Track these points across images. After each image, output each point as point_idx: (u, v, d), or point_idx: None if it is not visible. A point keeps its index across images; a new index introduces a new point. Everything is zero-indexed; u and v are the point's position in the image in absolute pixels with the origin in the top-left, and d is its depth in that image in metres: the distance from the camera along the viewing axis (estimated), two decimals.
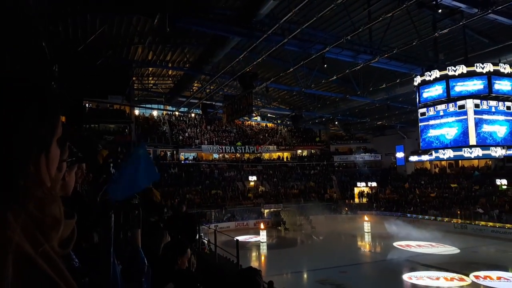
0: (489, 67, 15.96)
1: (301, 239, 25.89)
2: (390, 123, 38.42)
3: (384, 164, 44.20)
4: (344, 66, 19.61)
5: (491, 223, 26.04)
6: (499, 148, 16.00)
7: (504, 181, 29.68)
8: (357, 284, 15.42)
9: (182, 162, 36.85)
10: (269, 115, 41.14)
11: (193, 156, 38.62)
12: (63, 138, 0.71)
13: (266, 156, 42.05)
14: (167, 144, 37.18)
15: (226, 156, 39.95)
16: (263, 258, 22.31)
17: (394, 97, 26.66)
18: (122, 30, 19.53)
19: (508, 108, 16.38)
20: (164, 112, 41.16)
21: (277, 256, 21.38)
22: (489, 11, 12.41)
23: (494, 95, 15.55)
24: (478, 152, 16.11)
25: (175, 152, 37.28)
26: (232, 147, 39.61)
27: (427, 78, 17.63)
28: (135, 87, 30.64)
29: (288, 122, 39.75)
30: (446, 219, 29.18)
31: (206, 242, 16.92)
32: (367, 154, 44.35)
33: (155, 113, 41.08)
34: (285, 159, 43.34)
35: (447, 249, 21.73)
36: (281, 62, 22.25)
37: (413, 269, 17.90)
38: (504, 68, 15.86)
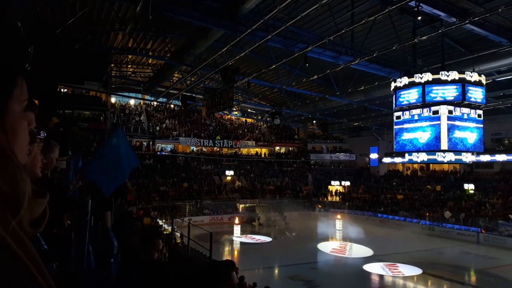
0: (454, 75, 16.44)
1: (274, 235, 26.11)
2: (366, 125, 39.21)
3: (358, 164, 45.22)
4: (326, 66, 19.82)
5: (456, 226, 27.03)
6: (469, 154, 16.60)
7: (472, 186, 30.87)
8: (326, 280, 15.73)
9: (158, 153, 36.37)
10: (249, 110, 41.16)
11: (170, 148, 38.18)
12: (29, 103, 0.62)
13: (244, 151, 42.08)
14: (143, 134, 36.60)
15: (204, 149, 39.73)
16: (236, 252, 22.40)
17: (371, 100, 27.19)
18: (103, 15, 19.04)
19: (479, 116, 16.99)
20: (142, 102, 40.41)
21: (250, 251, 21.51)
22: (467, 21, 12.82)
23: (467, 102, 16.08)
24: (450, 156, 16.65)
25: (151, 143, 36.74)
26: (211, 141, 39.39)
27: (403, 83, 18.04)
28: (113, 74, 29.96)
29: (268, 119, 39.85)
30: (415, 220, 30.08)
31: (179, 235, 16.86)
32: (342, 153, 45.17)
33: (132, 102, 40.32)
34: (263, 155, 43.50)
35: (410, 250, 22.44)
36: (264, 58, 22.30)
37: (381, 268, 18.41)
38: (471, 77, 16.35)
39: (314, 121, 41.88)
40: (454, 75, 16.54)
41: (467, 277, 18.32)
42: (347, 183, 40.61)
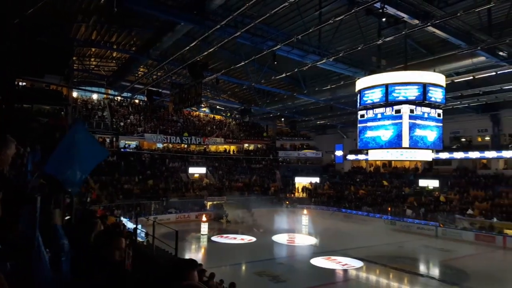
0: (421, 76, 17.02)
1: (242, 232, 26.15)
2: (332, 123, 40.10)
3: (324, 161, 46.23)
4: (294, 65, 20.01)
5: (416, 220, 28.21)
6: (429, 151, 17.28)
7: (431, 182, 32.29)
8: (292, 275, 15.94)
9: (122, 150, 35.35)
10: (218, 107, 40.86)
11: (135, 145, 37.22)
12: None
13: (212, 148, 41.80)
14: (107, 130, 35.46)
15: (171, 146, 39.07)
16: (203, 250, 22.25)
17: (337, 98, 27.76)
18: (66, 6, 18.20)
19: (439, 115, 17.72)
20: (105, 96, 39.11)
21: (218, 248, 21.43)
22: (428, 24, 13.33)
23: (427, 102, 16.72)
24: (413, 154, 17.27)
25: (114, 139, 35.65)
26: (178, 138, 38.74)
27: (368, 82, 18.49)
28: (75, 68, 28.76)
29: (237, 116, 39.79)
30: (378, 215, 31.12)
31: (143, 233, 16.54)
32: (309, 151, 45.99)
33: (95, 96, 38.95)
34: (231, 152, 43.40)
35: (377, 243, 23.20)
36: (233, 55, 22.15)
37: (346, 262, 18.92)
38: (435, 78, 16.96)
39: (283, 119, 42.29)
40: (412, 75, 17.10)
41: (426, 269, 19.19)
42: (314, 180, 41.44)
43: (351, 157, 41.58)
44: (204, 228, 24.38)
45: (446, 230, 25.74)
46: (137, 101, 40.28)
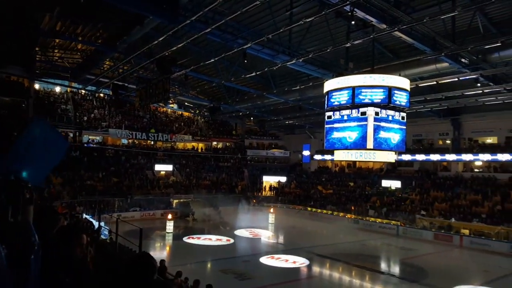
0: (387, 80, 17.53)
1: (209, 230, 25.98)
2: (300, 123, 40.63)
3: (292, 160, 46.82)
4: (264, 64, 20.07)
5: (379, 219, 29.11)
6: (393, 153, 17.85)
7: (394, 183, 33.42)
8: (257, 273, 16.00)
9: (85, 145, 34.14)
10: (186, 103, 40.32)
11: (99, 140, 36.04)
12: None
13: (180, 145, 41.21)
14: (69, 124, 34.10)
15: (136, 142, 38.14)
16: (168, 248, 21.90)
17: (306, 99, 28.13)
18: None
19: (403, 118, 18.32)
20: (69, 89, 37.58)
21: (183, 246, 21.16)
22: (396, 29, 13.75)
23: (392, 105, 17.24)
24: (376, 155, 17.76)
25: (77, 134, 34.35)
26: (144, 134, 37.86)
27: (335, 85, 18.85)
28: (37, 59, 27.43)
29: (206, 113, 39.44)
30: (342, 213, 31.85)
31: (106, 231, 16.08)
32: (277, 150, 46.40)
33: (58, 89, 37.36)
34: (199, 150, 42.97)
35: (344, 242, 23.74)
36: (203, 51, 21.90)
37: (310, 259, 19.21)
38: (400, 82, 17.52)
39: (252, 118, 42.38)
40: (378, 78, 17.59)
41: (387, 267, 19.84)
42: (281, 179, 41.86)
43: (318, 157, 42.33)
44: (170, 226, 23.99)
45: (407, 229, 26.72)
46: (102, 95, 39.01)
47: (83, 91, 37.68)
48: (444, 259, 20.95)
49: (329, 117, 20.13)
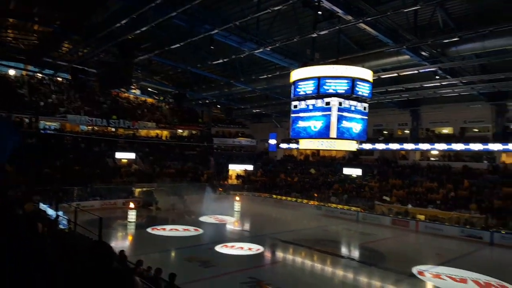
0: (350, 70, 17.88)
1: (173, 219, 25.74)
2: (267, 112, 40.82)
3: (258, 149, 47.09)
4: (231, 51, 19.87)
5: (340, 206, 30.04)
6: (354, 142, 18.35)
7: (355, 171, 34.51)
8: (222, 260, 16.10)
9: (42, 131, 32.50)
10: (150, 89, 39.29)
11: (56, 126, 34.39)
12: None
13: (143, 133, 40.21)
14: (25, 109, 32.31)
15: (96, 129, 36.79)
16: (130, 237, 21.50)
17: (273, 88, 28.24)
18: None
19: (365, 108, 18.81)
20: (24, 73, 35.50)
21: (146, 235, 20.85)
22: (361, 20, 14.02)
23: (355, 96, 17.65)
24: (339, 144, 18.20)
25: (33, 120, 32.61)
26: (105, 120, 36.54)
27: (302, 74, 19.03)
28: None
29: (171, 100, 38.62)
30: (305, 200, 32.56)
31: (65, 220, 15.55)
32: (244, 138, 46.44)
33: (12, 72, 35.16)
34: (164, 138, 42.14)
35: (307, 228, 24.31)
36: (168, 35, 21.28)
37: (274, 245, 19.56)
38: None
39: (219, 106, 42.03)
40: (342, 69, 17.91)
41: (348, 251, 20.57)
42: (247, 167, 42.05)
43: (283, 145, 42.84)
44: (132, 215, 23.53)
45: (366, 215, 27.77)
46: (60, 79, 37.17)
47: (40, 75, 35.73)
48: (401, 243, 22.01)
49: (295, 106, 20.33)
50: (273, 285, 12.62)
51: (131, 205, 24.31)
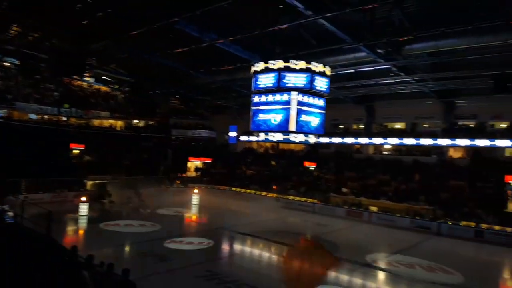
0: (302, 65, 18.22)
1: (127, 213, 25.00)
2: (228, 104, 40.61)
3: (218, 141, 46.76)
4: (191, 41, 19.47)
5: (298, 198, 30.62)
6: (313, 135, 18.74)
7: (313, 164, 35.31)
8: (177, 254, 15.88)
9: None
10: (104, 77, 37.72)
11: (2, 114, 32.11)
12: None
13: (96, 122, 38.55)
14: None
15: (47, 118, 34.78)
16: (81, 232, 20.64)
17: (233, 80, 28.09)
18: None
19: (323, 103, 19.27)
20: None
21: (99, 230, 20.11)
22: (320, 16, 14.22)
23: (313, 90, 17.99)
24: (300, 137, 18.51)
25: None
26: (56, 109, 34.60)
27: (265, 67, 19.10)
28: None
29: (127, 88, 37.33)
30: (264, 193, 32.87)
31: (11, 214, 14.66)
32: (204, 130, 45.90)
33: None
34: (118, 128, 40.65)
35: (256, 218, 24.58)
36: (126, 22, 20.47)
37: (232, 238, 19.59)
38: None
39: (178, 96, 41.19)
40: (302, 64, 18.19)
41: (304, 242, 21.00)
42: (207, 159, 41.64)
43: (244, 138, 42.84)
44: (84, 208, 22.57)
45: (323, 206, 28.52)
46: (7, 64, 34.66)
47: None
48: (355, 234, 22.82)
49: (256, 99, 20.42)
50: (229, 277, 12.63)
51: (83, 198, 23.29)
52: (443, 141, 29.74)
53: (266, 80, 18.87)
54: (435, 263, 16.02)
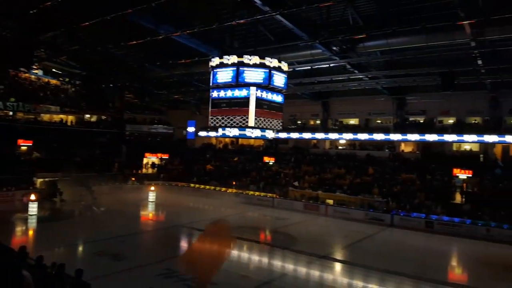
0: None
1: (80, 211, 24.01)
2: (185, 99, 39.97)
3: (176, 136, 45.96)
4: (147, 33, 18.92)
5: (257, 193, 30.87)
6: (272, 131, 18.92)
7: (271, 159, 35.72)
8: (134, 252, 15.52)
9: None
10: (54, 70, 35.77)
11: None
12: None
13: (46, 117, 36.50)
14: None
15: None
16: (31, 232, 19.54)
17: (191, 74, 27.67)
18: None
19: (281, 99, 19.49)
20: None
21: (50, 230, 19.16)
22: (277, 12, 14.34)
23: (272, 86, 18.14)
24: (258, 133, 18.60)
25: None
26: (1, 103, 32.29)
27: (221, 62, 18.96)
28: None
29: (78, 82, 35.64)
30: (224, 188, 32.81)
31: None
32: (160, 125, 44.86)
33: None
34: (69, 123, 38.73)
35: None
36: (77, 12, 19.47)
37: (190, 234, 19.43)
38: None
39: (132, 90, 39.93)
40: (255, 59, 18.23)
41: (263, 236, 21.30)
42: (164, 155, 40.79)
43: (202, 133, 42.41)
44: (33, 208, 21.39)
45: (281, 201, 28.98)
46: None
47: None
48: (312, 227, 23.43)
49: (215, 94, 20.25)
50: (188, 275, 12.51)
51: (32, 196, 22.04)
52: (395, 136, 31.21)
53: (225, 75, 18.76)
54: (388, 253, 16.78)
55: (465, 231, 21.23)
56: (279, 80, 18.67)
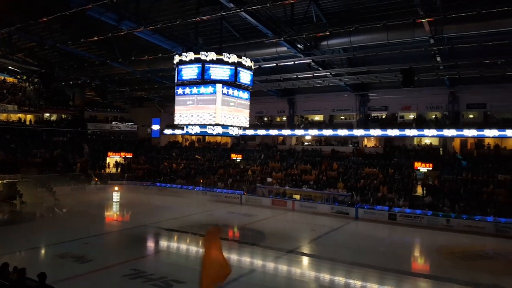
0: (234, 58, 18.40)
1: (41, 213, 23.06)
2: (149, 96, 39.17)
3: (140, 135, 44.97)
4: (108, 29, 18.39)
5: (225, 190, 30.87)
6: (236, 128, 18.93)
7: (239, 156, 35.82)
8: (99, 254, 15.14)
9: None
10: (11, 67, 34.00)
11: None
12: None
13: (2, 117, 34.66)
14: None
15: None
16: None
17: (155, 71, 27.15)
18: None
19: (247, 96, 19.55)
20: None
21: (9, 233, 18.28)
22: (242, 9, 14.37)
23: (238, 83, 18.16)
24: (219, 130, 18.55)
25: None
26: None
27: (185, 59, 18.76)
28: None
29: (36, 80, 34.05)
30: (191, 187, 32.55)
31: None
32: (123, 124, 43.75)
33: None
34: (28, 123, 37.00)
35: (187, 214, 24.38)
36: (33, 8, 18.55)
37: (157, 234, 19.18)
38: (246, 61, 18.67)
39: (93, 87, 38.66)
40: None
41: (231, 233, 21.34)
42: (128, 154, 39.85)
43: (168, 131, 41.78)
44: None
45: (249, 197, 29.15)
46: None
47: None
48: (280, 222, 23.75)
49: (179, 91, 19.99)
50: (156, 275, 12.36)
51: None
52: (358, 132, 32.15)
53: (190, 72, 18.56)
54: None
55: (426, 222, 22.27)
56: (245, 77, 18.71)
